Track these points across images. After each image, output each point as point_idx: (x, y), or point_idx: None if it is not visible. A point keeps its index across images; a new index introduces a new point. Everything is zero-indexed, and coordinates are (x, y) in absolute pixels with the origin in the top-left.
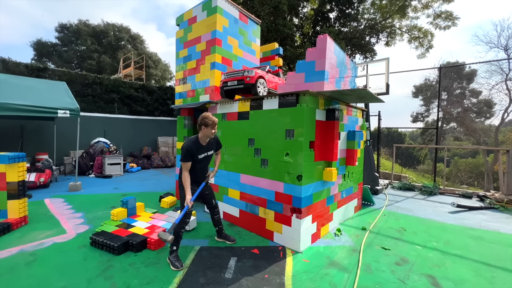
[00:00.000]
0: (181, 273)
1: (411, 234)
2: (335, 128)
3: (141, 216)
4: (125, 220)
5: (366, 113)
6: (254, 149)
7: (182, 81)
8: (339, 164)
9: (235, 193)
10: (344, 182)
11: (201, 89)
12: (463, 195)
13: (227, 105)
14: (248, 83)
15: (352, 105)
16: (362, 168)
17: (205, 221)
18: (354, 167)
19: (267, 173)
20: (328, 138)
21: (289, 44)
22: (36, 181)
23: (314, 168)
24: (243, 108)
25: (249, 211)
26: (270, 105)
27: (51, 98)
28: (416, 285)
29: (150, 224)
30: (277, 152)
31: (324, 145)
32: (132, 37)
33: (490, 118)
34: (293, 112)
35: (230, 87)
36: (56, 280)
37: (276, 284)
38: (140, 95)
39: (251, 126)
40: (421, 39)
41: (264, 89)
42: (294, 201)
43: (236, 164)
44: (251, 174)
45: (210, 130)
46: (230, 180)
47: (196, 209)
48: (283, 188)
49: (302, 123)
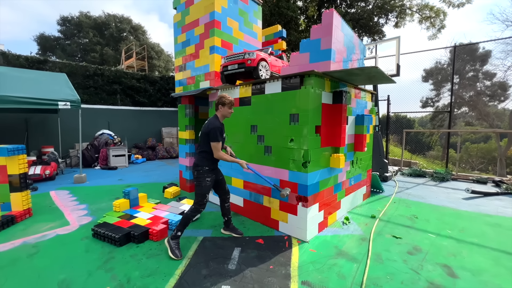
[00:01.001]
0: (183, 264)
1: (423, 222)
2: (342, 112)
3: (144, 207)
4: (127, 211)
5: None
6: (257, 136)
7: (181, 68)
8: (347, 150)
9: (238, 182)
10: (352, 168)
11: (201, 75)
12: (478, 180)
13: (228, 91)
14: (249, 66)
15: (360, 87)
16: (371, 154)
17: (209, 210)
18: (363, 153)
19: (271, 161)
20: (335, 122)
21: (293, 28)
22: (41, 174)
23: (320, 154)
24: (244, 94)
25: (253, 200)
26: (273, 89)
27: (51, 90)
28: (431, 275)
29: (152, 215)
30: (281, 139)
31: (331, 130)
32: (134, 28)
33: (504, 101)
34: (298, 95)
35: (231, 71)
36: (57, 273)
37: (281, 275)
38: (142, 86)
39: (253, 112)
40: (432, 18)
41: (267, 72)
42: (299, 189)
43: (238, 152)
44: (255, 162)
45: (227, 109)
46: (233, 169)
47: None
48: (288, 176)
49: (307, 106)
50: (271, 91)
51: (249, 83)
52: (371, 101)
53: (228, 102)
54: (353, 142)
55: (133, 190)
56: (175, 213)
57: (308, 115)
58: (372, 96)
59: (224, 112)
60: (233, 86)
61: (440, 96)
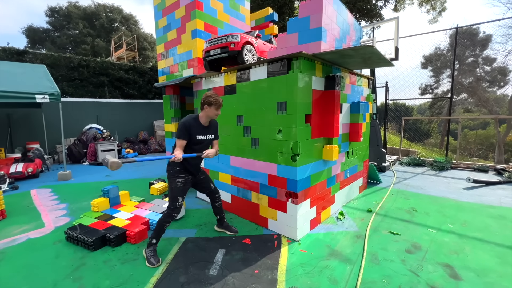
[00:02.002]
0: (160, 270)
1: (422, 215)
2: (335, 99)
3: (125, 206)
4: (106, 211)
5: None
6: (244, 127)
7: (163, 56)
8: (342, 140)
9: (226, 177)
10: (347, 160)
11: (183, 62)
12: (479, 169)
13: (212, 79)
14: (232, 50)
15: (356, 72)
16: (367, 144)
17: (195, 208)
18: (359, 144)
19: (259, 154)
20: (328, 110)
21: (287, 13)
22: (23, 172)
23: (311, 146)
24: (229, 81)
25: (241, 196)
26: (258, 74)
27: (28, 82)
28: (432, 277)
29: (133, 215)
30: (268, 130)
31: (323, 119)
32: (125, 17)
33: (504, 87)
34: (285, 81)
35: (213, 56)
36: (19, 283)
37: (267, 281)
38: (131, 77)
39: (238, 101)
40: (433, 1)
41: (253, 57)
42: (289, 184)
43: (225, 145)
44: (242, 155)
45: (214, 110)
46: (220, 163)
47: (187, 196)
48: (276, 170)
49: (296, 93)
50: (256, 78)
51: (234, 69)
52: (368, 88)
53: (215, 102)
54: (348, 132)
55: (113, 188)
56: (158, 212)
57: (297, 103)
58: (369, 82)
59: (210, 113)
60: (217, 73)
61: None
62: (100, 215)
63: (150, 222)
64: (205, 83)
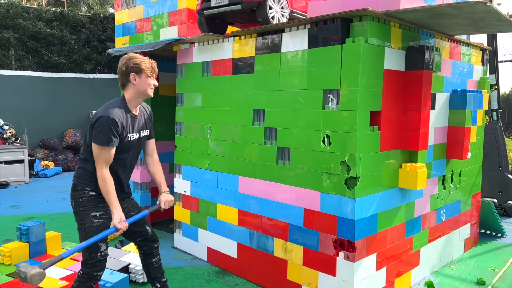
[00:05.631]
0: None
1: None
2: (423, 86)
3: None
4: None
5: (490, 56)
6: (265, 129)
7: (126, 3)
8: (433, 157)
9: (229, 212)
10: (443, 191)
11: (162, 16)
12: None
13: (211, 46)
14: (249, 0)
15: (459, 39)
16: (480, 164)
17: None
18: (465, 163)
19: (289, 175)
20: (410, 105)
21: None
22: None
23: (380, 164)
24: (242, 52)
25: (256, 246)
26: (294, 43)
27: None
28: None
29: (70, 272)
30: (306, 135)
31: (401, 120)
32: None
33: None
34: (338, 56)
35: (216, 9)
36: None
37: None
38: (57, 33)
39: (258, 86)
40: None
41: (283, 11)
42: (340, 227)
43: (231, 158)
44: (260, 177)
45: (145, 79)
46: (220, 189)
47: (161, 247)
48: (319, 202)
49: (356, 76)
50: (291, 48)
51: (252, 31)
52: (483, 65)
53: (144, 64)
54: (446, 143)
55: (36, 225)
56: (113, 268)
57: (358, 93)
58: (484, 54)
59: (141, 86)
60: (220, 37)
61: None
62: (15, 271)
63: (101, 285)
64: (199, 52)
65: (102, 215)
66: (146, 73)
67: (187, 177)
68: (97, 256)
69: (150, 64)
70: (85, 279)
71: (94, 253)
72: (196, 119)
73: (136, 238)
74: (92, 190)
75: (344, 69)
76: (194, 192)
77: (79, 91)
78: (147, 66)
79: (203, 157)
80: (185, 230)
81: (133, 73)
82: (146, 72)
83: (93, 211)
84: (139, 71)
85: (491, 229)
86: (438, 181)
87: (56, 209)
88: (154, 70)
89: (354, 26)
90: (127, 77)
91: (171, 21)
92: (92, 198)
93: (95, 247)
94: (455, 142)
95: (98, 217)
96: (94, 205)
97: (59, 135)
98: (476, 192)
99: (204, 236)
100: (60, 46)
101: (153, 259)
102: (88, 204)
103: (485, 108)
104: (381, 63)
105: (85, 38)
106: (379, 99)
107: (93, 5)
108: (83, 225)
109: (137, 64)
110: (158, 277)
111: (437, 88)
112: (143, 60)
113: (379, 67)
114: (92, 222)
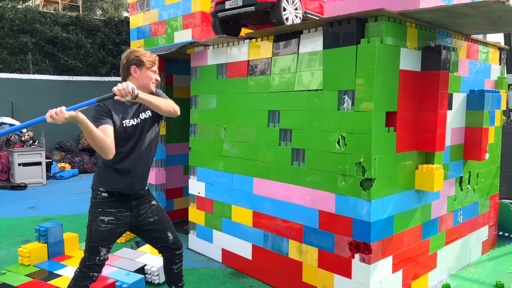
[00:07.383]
0: None
1: None
2: (440, 86)
3: (74, 258)
4: (43, 265)
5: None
6: (280, 130)
7: (140, 6)
8: (450, 158)
9: (243, 213)
10: (460, 193)
11: (176, 19)
12: None
13: (226, 48)
14: (263, 1)
15: (476, 38)
16: (498, 165)
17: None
18: (483, 164)
19: (304, 176)
20: (427, 105)
21: None
22: None
23: (396, 165)
24: (258, 53)
25: (271, 248)
26: (309, 44)
27: None
28: None
29: None
30: (321, 136)
31: (417, 121)
32: None
33: None
34: (353, 56)
35: (230, 11)
36: None
37: None
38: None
39: (273, 87)
40: None
41: (297, 12)
42: (356, 229)
43: (245, 159)
44: (274, 178)
45: (146, 72)
46: (234, 190)
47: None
48: (334, 204)
49: (372, 76)
50: (306, 49)
51: (268, 32)
52: (500, 65)
53: (146, 59)
54: (463, 143)
55: (54, 226)
56: (129, 269)
57: (373, 93)
58: (502, 54)
59: (142, 79)
60: (235, 39)
61: None
62: (34, 271)
63: (116, 285)
64: (213, 54)
65: (110, 221)
66: (147, 66)
67: (201, 179)
68: (95, 259)
69: (152, 57)
70: (81, 277)
71: (93, 255)
72: (210, 121)
73: (156, 244)
74: (105, 191)
75: (359, 69)
76: (209, 194)
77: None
78: (148, 59)
79: (218, 159)
80: (200, 231)
81: (134, 66)
82: (147, 65)
83: (102, 215)
84: (139, 64)
85: (510, 231)
86: (455, 183)
87: (73, 210)
88: (154, 62)
89: (369, 26)
90: (128, 70)
91: (185, 24)
92: (103, 200)
93: (95, 250)
94: (473, 143)
95: (106, 222)
96: (104, 209)
97: (75, 137)
98: (494, 193)
99: (219, 237)
100: (76, 50)
101: (174, 265)
102: (99, 207)
103: (503, 108)
104: (396, 63)
105: (100, 41)
106: (395, 100)
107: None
108: (90, 226)
109: (138, 57)
110: (176, 281)
111: (454, 88)
112: (144, 54)
113: (394, 68)
114: (99, 226)
